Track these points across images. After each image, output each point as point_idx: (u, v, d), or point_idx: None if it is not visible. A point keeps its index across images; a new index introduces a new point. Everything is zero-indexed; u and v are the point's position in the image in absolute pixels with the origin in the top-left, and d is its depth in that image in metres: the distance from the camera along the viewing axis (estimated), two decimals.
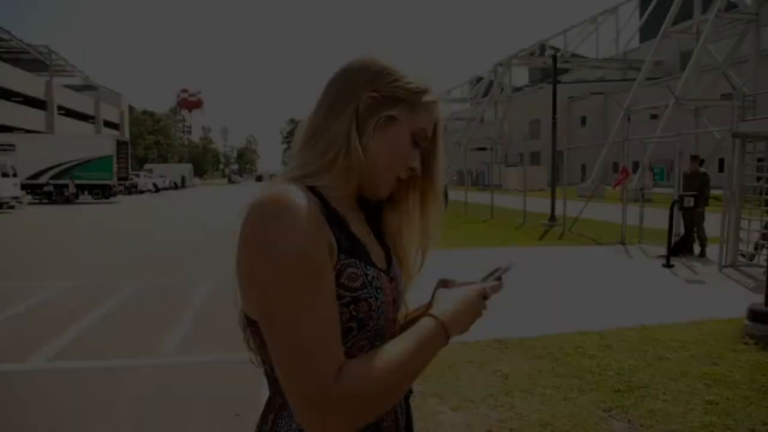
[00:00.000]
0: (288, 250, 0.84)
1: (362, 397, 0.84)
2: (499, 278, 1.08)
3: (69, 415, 3.71)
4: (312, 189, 0.94)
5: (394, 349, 0.89)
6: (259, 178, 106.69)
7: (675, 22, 29.80)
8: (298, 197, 0.88)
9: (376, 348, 0.92)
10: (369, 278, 0.94)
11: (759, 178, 9.12)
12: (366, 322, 0.93)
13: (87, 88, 57.79)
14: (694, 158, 10.27)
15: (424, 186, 1.08)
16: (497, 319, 5.77)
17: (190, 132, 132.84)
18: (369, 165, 0.97)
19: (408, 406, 1.11)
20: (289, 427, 0.96)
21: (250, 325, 0.96)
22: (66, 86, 53.14)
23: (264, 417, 1.01)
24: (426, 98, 1.00)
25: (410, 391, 1.07)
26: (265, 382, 0.99)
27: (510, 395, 3.88)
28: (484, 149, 31.65)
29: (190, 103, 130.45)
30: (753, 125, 8.82)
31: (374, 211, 1.09)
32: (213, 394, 4.05)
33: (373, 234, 1.06)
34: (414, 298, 1.14)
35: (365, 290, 0.93)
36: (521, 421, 3.48)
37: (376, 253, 1.02)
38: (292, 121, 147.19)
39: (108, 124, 58.87)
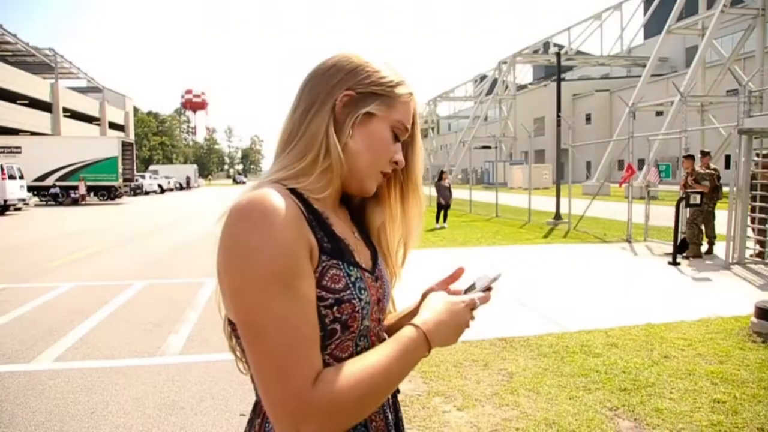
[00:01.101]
0: (263, 255, 0.83)
1: (339, 405, 0.82)
2: (488, 288, 1.06)
3: (74, 415, 3.71)
4: (293, 191, 0.93)
5: (374, 358, 0.87)
6: None
7: (679, 18, 29.64)
8: (277, 200, 0.86)
9: (359, 353, 0.92)
10: (352, 279, 0.93)
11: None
12: (350, 323, 0.92)
13: (92, 90, 57.97)
14: (705, 154, 10.18)
15: (404, 179, 1.08)
16: (502, 318, 5.78)
17: (194, 133, 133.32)
18: (351, 163, 0.97)
19: (396, 402, 1.10)
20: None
21: (234, 330, 0.95)
22: (71, 88, 53.34)
23: (251, 422, 1.00)
24: (401, 90, 1.00)
25: (397, 390, 1.05)
26: None
27: (515, 394, 3.87)
28: (488, 147, 31.60)
29: (194, 104, 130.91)
30: (759, 121, 8.76)
31: (358, 208, 1.09)
32: (218, 394, 4.06)
33: (359, 232, 1.05)
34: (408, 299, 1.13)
35: (348, 291, 0.91)
36: (527, 420, 3.46)
37: (361, 253, 1.01)
38: None
39: (113, 126, 59.02)
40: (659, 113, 33.03)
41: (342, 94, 0.96)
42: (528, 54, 46.35)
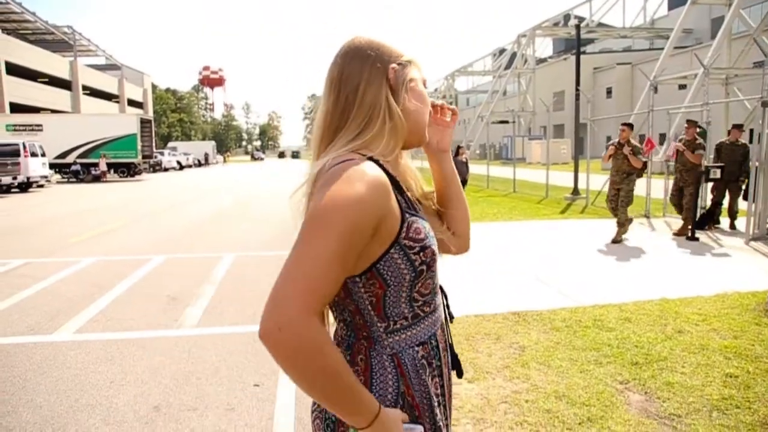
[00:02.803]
0: (343, 207, 0.98)
1: (308, 347, 0.92)
2: None
3: (95, 384, 3.83)
4: (371, 159, 1.09)
5: (348, 374, 0.99)
6: (281, 155, 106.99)
7: None
8: (374, 171, 1.04)
9: (434, 290, 1.18)
10: (426, 229, 1.12)
11: None
12: (431, 264, 1.13)
13: (110, 67, 58.30)
14: (737, 127, 9.90)
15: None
16: (516, 293, 5.79)
17: (212, 110, 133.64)
18: (411, 121, 1.17)
19: (451, 346, 1.30)
20: (381, 359, 1.12)
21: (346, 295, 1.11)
22: (90, 66, 53.69)
23: (354, 362, 1.13)
24: (413, 55, 1.21)
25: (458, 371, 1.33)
26: None
27: (526, 367, 3.89)
28: (506, 122, 31.19)
29: (212, 81, 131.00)
30: None
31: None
32: (233, 365, 4.14)
33: None
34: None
35: (427, 239, 1.11)
36: (537, 393, 3.49)
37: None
38: (313, 96, 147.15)
39: (132, 103, 59.45)
40: (682, 87, 32.27)
41: (390, 67, 1.15)
42: (548, 27, 45.32)
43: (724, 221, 9.77)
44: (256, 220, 12.50)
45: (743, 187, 9.34)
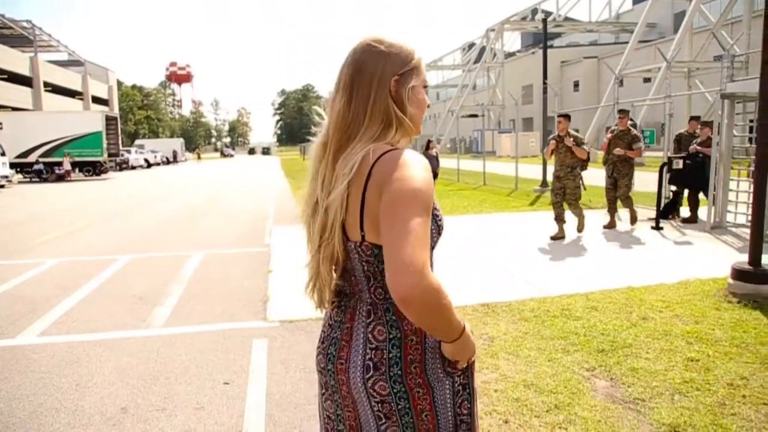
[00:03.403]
0: (424, 189, 1.22)
1: (435, 290, 1.17)
2: None
3: (59, 387, 3.74)
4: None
5: (452, 308, 1.24)
6: (251, 151, 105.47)
7: None
8: (419, 156, 1.29)
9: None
10: (437, 205, 1.35)
11: (750, 139, 9.11)
12: (441, 230, 1.40)
13: (73, 63, 56.82)
14: (695, 119, 10.15)
15: None
16: (486, 284, 5.85)
17: (180, 106, 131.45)
18: (414, 121, 1.39)
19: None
20: (390, 321, 1.35)
21: (374, 251, 1.31)
22: (51, 62, 52.23)
23: (400, 317, 1.34)
24: (416, 57, 1.38)
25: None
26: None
27: (495, 357, 3.94)
28: (476, 116, 31.44)
29: (179, 77, 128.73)
30: (742, 85, 8.77)
31: None
32: (202, 363, 4.10)
33: None
34: None
35: (440, 211, 1.40)
36: (506, 382, 3.53)
37: None
38: (283, 92, 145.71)
39: (96, 100, 58.02)
40: (647, 80, 32.93)
41: (392, 81, 1.33)
42: (516, 21, 45.78)
43: (684, 210, 10.02)
44: (226, 218, 12.37)
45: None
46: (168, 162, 54.77)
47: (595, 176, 13.51)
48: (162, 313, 5.36)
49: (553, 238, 8.32)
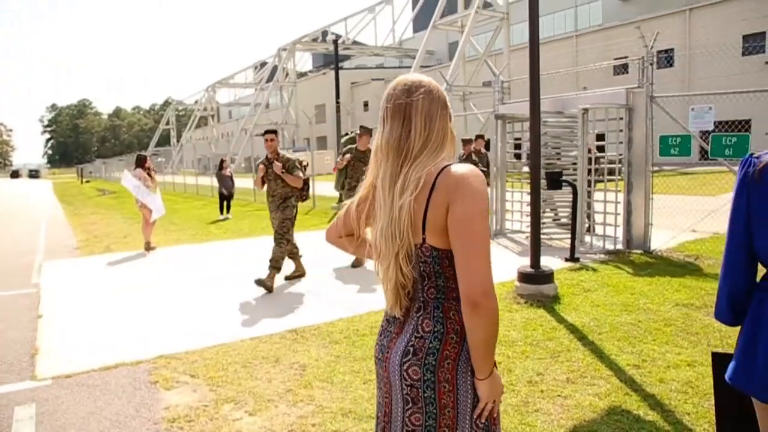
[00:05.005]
0: (486, 201, 1.41)
1: (497, 303, 1.41)
2: None
3: None
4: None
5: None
6: (15, 174, 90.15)
7: (443, 15, 32.38)
8: (478, 170, 1.46)
9: None
10: None
11: (518, 155, 10.26)
12: None
13: None
14: (479, 137, 11.16)
15: None
16: (291, 309, 5.59)
17: None
18: (454, 144, 1.58)
19: None
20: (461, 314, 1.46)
21: (433, 253, 1.45)
22: None
23: (447, 318, 1.47)
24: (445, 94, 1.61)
25: None
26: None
27: (309, 387, 3.70)
28: None
29: None
30: (509, 108, 9.86)
31: None
32: None
33: None
34: None
35: None
36: (323, 414, 3.31)
37: None
38: (54, 107, 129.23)
39: None
40: None
41: (448, 112, 1.57)
42: (307, 42, 46.74)
43: None
44: None
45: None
46: None
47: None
48: None
49: (353, 266, 7.72)
